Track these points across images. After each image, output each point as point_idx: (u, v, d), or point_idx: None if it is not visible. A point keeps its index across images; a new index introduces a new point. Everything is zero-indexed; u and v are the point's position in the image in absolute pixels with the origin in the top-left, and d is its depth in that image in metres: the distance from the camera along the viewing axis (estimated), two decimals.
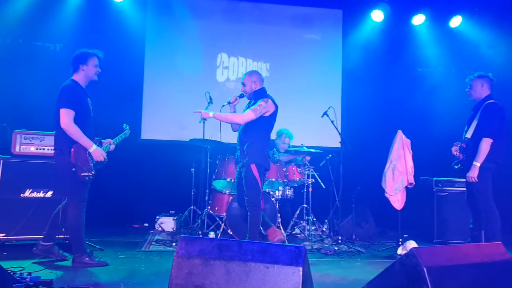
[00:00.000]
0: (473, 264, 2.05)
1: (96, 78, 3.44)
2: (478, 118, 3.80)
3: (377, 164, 4.75)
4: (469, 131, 3.85)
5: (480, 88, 3.88)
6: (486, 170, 3.75)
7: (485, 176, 3.75)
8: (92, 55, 3.40)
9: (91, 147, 3.24)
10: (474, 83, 3.92)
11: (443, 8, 6.17)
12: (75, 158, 3.18)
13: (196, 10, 6.22)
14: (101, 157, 3.29)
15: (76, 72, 3.37)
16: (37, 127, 4.09)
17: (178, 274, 1.99)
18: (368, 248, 4.58)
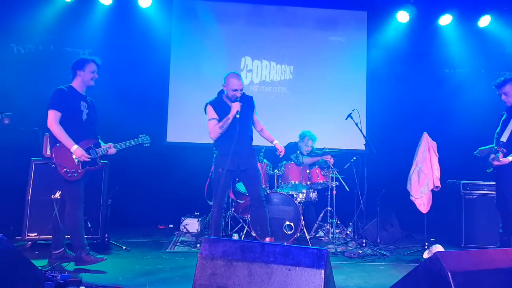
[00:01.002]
0: (500, 270, 2.01)
1: (92, 83, 3.53)
2: None
3: (402, 167, 4.69)
4: (504, 134, 3.72)
5: None
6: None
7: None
8: (89, 61, 3.50)
9: (72, 147, 3.30)
10: (508, 88, 3.73)
11: (471, 8, 6.01)
12: (54, 156, 3.32)
13: (220, 14, 6.32)
14: (82, 157, 3.32)
15: (74, 77, 3.51)
16: None
17: (201, 274, 2.05)
18: (393, 251, 4.52)
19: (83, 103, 3.49)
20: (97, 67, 3.55)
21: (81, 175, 3.36)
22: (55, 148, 3.34)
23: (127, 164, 5.44)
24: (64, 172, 3.30)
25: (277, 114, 6.28)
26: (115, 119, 5.14)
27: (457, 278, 1.93)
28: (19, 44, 5.69)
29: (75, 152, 3.30)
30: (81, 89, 3.52)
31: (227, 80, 3.84)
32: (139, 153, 5.54)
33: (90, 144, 3.47)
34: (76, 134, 3.37)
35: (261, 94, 6.35)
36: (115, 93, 5.53)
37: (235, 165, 3.77)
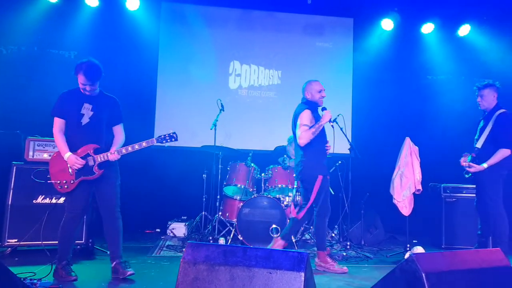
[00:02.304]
0: (472, 270, 2.10)
1: (88, 93, 3.26)
2: (491, 129, 3.81)
3: (385, 171, 4.78)
4: (479, 141, 3.86)
5: (492, 98, 3.89)
6: (498, 177, 3.78)
7: (496, 182, 3.78)
8: (78, 70, 3.18)
9: (65, 154, 3.14)
10: (486, 92, 3.90)
11: (452, 17, 6.20)
12: (50, 167, 3.22)
13: (209, 19, 6.37)
14: (75, 165, 3.11)
15: None
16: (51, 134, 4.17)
17: (184, 279, 2.09)
18: (377, 253, 4.61)
19: (86, 105, 3.24)
20: (90, 81, 3.19)
21: (73, 186, 3.15)
22: (52, 158, 3.25)
23: None
24: (55, 184, 3.17)
25: (265, 118, 6.36)
26: None
27: (431, 278, 2.01)
28: (1, 44, 5.60)
29: (68, 160, 3.12)
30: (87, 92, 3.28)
31: (310, 86, 3.92)
32: (125, 157, 5.55)
33: (90, 150, 3.20)
34: (73, 140, 3.21)
35: (249, 98, 6.43)
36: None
37: None
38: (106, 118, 3.34)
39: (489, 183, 3.78)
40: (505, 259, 2.23)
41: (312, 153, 3.78)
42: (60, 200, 3.99)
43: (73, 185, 3.17)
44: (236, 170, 4.97)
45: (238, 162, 5.00)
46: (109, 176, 3.32)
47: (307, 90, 3.91)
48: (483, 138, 3.83)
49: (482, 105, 3.94)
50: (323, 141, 3.84)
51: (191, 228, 5.35)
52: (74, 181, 3.17)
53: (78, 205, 3.23)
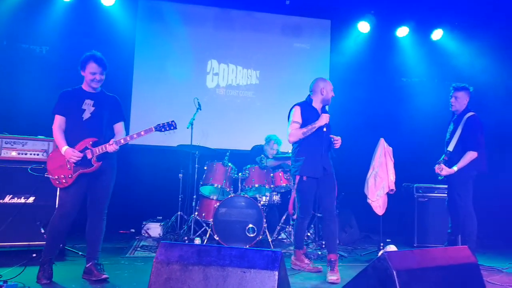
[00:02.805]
0: (440, 267, 2.16)
1: (95, 85, 3.27)
2: (461, 132, 3.92)
3: (360, 171, 4.86)
4: (451, 144, 3.97)
5: (465, 100, 4.02)
6: (468, 177, 3.91)
7: (467, 183, 3.91)
8: (89, 61, 3.22)
9: (62, 148, 3.11)
10: (461, 95, 4.02)
11: (425, 21, 6.38)
12: (47, 163, 3.19)
13: (187, 16, 6.31)
14: (72, 157, 3.06)
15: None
16: (21, 131, 4.04)
17: (156, 279, 2.06)
18: (351, 252, 4.68)
19: (87, 101, 3.23)
20: (101, 67, 3.25)
21: (71, 181, 3.09)
22: (51, 154, 3.23)
23: None
24: (53, 180, 3.12)
25: (243, 118, 6.35)
26: None
27: (402, 276, 2.06)
28: None
29: (65, 154, 3.08)
30: (88, 88, 3.29)
31: (321, 84, 3.68)
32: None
33: (87, 143, 3.16)
34: (74, 135, 3.17)
35: (227, 97, 6.41)
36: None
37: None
38: (107, 115, 3.33)
39: (459, 184, 3.91)
40: (472, 256, 2.30)
41: (297, 151, 3.66)
42: (30, 200, 3.85)
43: (71, 179, 3.11)
44: (213, 170, 4.94)
45: (215, 162, 4.97)
46: (105, 175, 3.29)
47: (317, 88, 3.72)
48: (454, 141, 3.95)
49: (454, 107, 4.06)
50: (315, 141, 3.59)
51: (166, 228, 5.28)
52: (72, 175, 3.12)
53: (70, 201, 3.13)
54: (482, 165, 3.92)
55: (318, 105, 3.70)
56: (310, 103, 3.71)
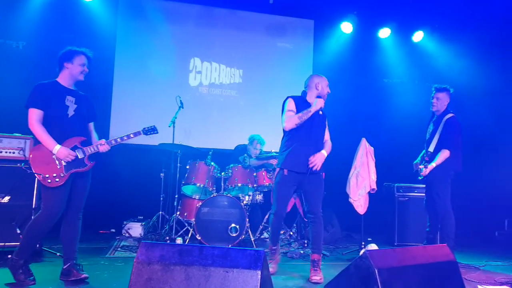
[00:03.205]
0: (420, 265, 2.19)
1: (82, 78, 3.22)
2: (440, 132, 4.01)
3: (342, 170, 4.89)
4: (431, 145, 4.05)
5: (446, 101, 4.11)
6: (447, 177, 3.99)
7: (445, 182, 4.00)
8: (79, 53, 3.18)
9: (53, 148, 2.99)
10: (442, 96, 4.11)
11: (407, 23, 6.50)
12: (32, 161, 3.01)
13: (169, 14, 6.24)
14: (68, 157, 2.99)
15: (61, 70, 3.18)
16: None
17: (137, 280, 2.02)
18: (333, 251, 4.72)
19: (69, 97, 3.14)
20: (88, 60, 3.22)
21: (64, 180, 2.99)
22: (33, 150, 3.03)
23: None
24: (43, 178, 2.96)
25: (226, 117, 6.32)
26: None
27: (383, 274, 2.08)
28: None
29: (59, 153, 2.97)
30: (68, 83, 3.19)
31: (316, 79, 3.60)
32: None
33: (77, 142, 3.11)
34: (60, 132, 3.05)
35: (210, 96, 6.36)
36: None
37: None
38: (86, 114, 3.27)
39: (438, 183, 3.99)
40: (451, 254, 2.35)
41: (284, 144, 3.56)
42: (5, 199, 3.71)
43: (64, 178, 3.02)
44: (195, 169, 4.89)
45: (197, 161, 4.93)
46: (87, 174, 3.23)
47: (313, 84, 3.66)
48: (434, 141, 4.04)
49: (436, 107, 4.14)
50: (303, 135, 3.46)
51: (147, 228, 5.20)
52: (64, 174, 3.02)
53: (60, 201, 3.03)
54: (458, 164, 4.03)
55: (312, 100, 3.59)
56: (304, 97, 3.64)
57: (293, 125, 3.40)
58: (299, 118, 3.37)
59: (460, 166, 4.04)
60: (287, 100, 3.59)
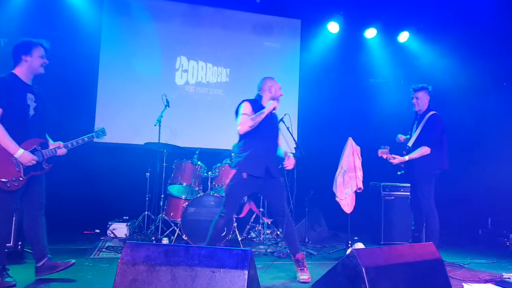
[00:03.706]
0: (407, 263, 2.20)
1: (42, 70, 3.08)
2: (421, 129, 4.07)
3: (329, 170, 4.91)
4: (411, 140, 4.12)
5: (426, 100, 4.16)
6: (431, 176, 4.03)
7: (429, 181, 4.03)
8: (36, 44, 3.04)
9: (16, 152, 2.86)
10: (421, 95, 4.16)
11: (393, 23, 6.56)
12: None
13: (155, 12, 6.17)
14: (31, 162, 2.92)
15: (18, 64, 3.00)
16: None
17: (121, 281, 1.98)
18: (320, 250, 4.72)
19: (30, 95, 3.00)
20: (45, 51, 3.08)
21: (22, 184, 2.91)
22: None
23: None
24: (2, 183, 2.83)
25: (213, 116, 6.28)
26: None
27: (370, 272, 2.08)
28: None
29: (22, 158, 2.86)
30: (27, 78, 3.03)
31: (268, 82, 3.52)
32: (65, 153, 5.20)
33: (36, 144, 3.01)
34: (20, 133, 2.92)
35: (197, 95, 6.31)
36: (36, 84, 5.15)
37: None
38: (43, 112, 3.14)
39: (423, 183, 4.03)
40: (437, 252, 2.37)
41: (241, 147, 3.42)
42: None
43: (22, 182, 2.93)
44: (181, 168, 4.85)
45: (184, 160, 4.88)
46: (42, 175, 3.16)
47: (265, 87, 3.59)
48: (414, 137, 4.11)
49: (417, 106, 4.20)
50: (261, 139, 3.37)
51: (133, 228, 5.13)
52: (23, 177, 2.93)
53: (15, 203, 2.97)
54: (444, 163, 4.07)
55: (266, 103, 3.49)
56: (259, 100, 3.54)
57: (247, 127, 3.29)
58: (252, 120, 3.27)
59: (447, 164, 4.08)
60: (242, 104, 3.45)
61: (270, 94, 3.55)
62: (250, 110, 3.37)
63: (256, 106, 3.44)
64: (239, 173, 3.30)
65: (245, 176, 3.28)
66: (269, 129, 3.44)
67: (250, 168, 3.30)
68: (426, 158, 3.98)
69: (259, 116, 3.27)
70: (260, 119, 3.27)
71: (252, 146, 3.34)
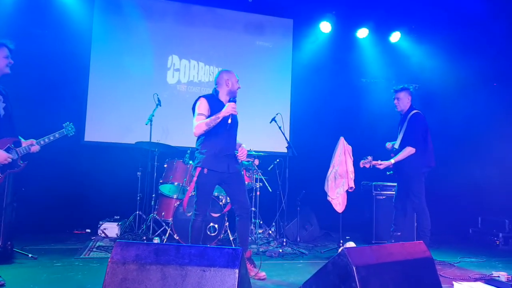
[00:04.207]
0: (397, 262, 2.21)
1: (8, 70, 3.12)
2: (405, 129, 4.11)
3: (321, 169, 4.92)
4: (397, 141, 4.15)
5: (407, 100, 4.20)
6: (421, 175, 4.05)
7: (420, 181, 4.05)
8: (0, 45, 3.09)
9: None
10: (402, 95, 4.20)
11: (384, 23, 6.59)
12: None
13: (146, 11, 6.13)
14: (6, 160, 3.02)
15: None
16: None
17: (111, 280, 1.96)
18: (312, 249, 4.73)
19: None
20: (10, 51, 3.12)
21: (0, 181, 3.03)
22: None
23: (37, 163, 4.99)
24: None
25: None
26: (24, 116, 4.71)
27: (361, 271, 2.09)
28: None
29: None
30: None
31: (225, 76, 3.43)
32: (52, 152, 5.11)
33: (9, 143, 3.12)
34: None
35: (188, 94, 6.28)
36: (23, 87, 5.10)
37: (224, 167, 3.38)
38: (11, 111, 3.22)
39: (413, 182, 4.04)
40: (427, 251, 2.38)
41: (201, 144, 3.41)
42: None
43: (0, 181, 3.05)
44: (173, 168, 4.82)
45: (175, 160, 4.86)
46: None
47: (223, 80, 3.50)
48: (399, 138, 4.14)
49: (399, 107, 4.24)
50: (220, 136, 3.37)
51: (124, 228, 5.10)
52: (1, 176, 3.03)
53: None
54: (431, 160, 4.09)
55: (224, 98, 3.47)
56: (216, 96, 3.49)
57: (201, 131, 3.31)
58: (206, 125, 3.27)
59: (433, 162, 4.10)
60: (198, 101, 3.41)
61: (227, 88, 3.48)
62: (207, 108, 3.37)
63: (213, 102, 3.41)
64: (201, 169, 3.35)
65: (205, 172, 3.33)
66: (227, 125, 3.37)
67: (212, 164, 3.35)
68: (413, 158, 4.00)
69: (214, 120, 3.27)
70: (215, 123, 3.27)
71: (212, 143, 3.37)
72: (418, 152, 3.99)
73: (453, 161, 5.98)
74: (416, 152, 3.99)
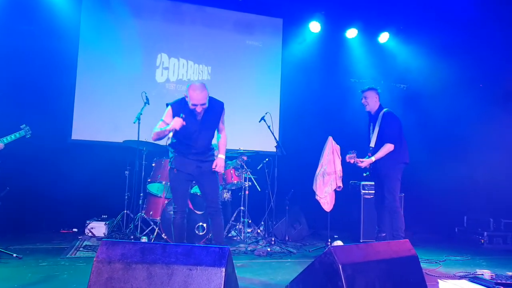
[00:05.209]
0: (383, 260, 2.23)
1: None
2: (379, 127, 4.12)
3: (309, 168, 4.94)
4: (372, 140, 4.17)
5: (375, 100, 4.24)
6: (397, 172, 4.07)
7: (396, 178, 4.05)
8: None
9: None
10: (369, 94, 4.24)
11: (373, 23, 6.65)
12: None
13: (135, 8, 6.08)
14: None
15: None
16: None
17: (97, 279, 1.94)
18: (300, 248, 4.75)
19: None
20: None
21: None
22: None
23: (23, 162, 4.95)
24: None
25: None
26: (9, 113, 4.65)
27: (347, 269, 2.10)
28: None
29: None
30: None
31: (188, 91, 3.39)
32: (39, 150, 5.08)
33: None
34: None
35: (177, 92, 6.24)
36: (8, 84, 5.02)
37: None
38: None
39: (389, 178, 4.04)
40: (412, 249, 2.41)
41: (171, 143, 3.50)
42: None
43: None
44: (161, 167, 4.79)
45: (163, 158, 4.83)
46: None
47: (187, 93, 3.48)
48: (374, 137, 4.16)
49: (368, 107, 4.27)
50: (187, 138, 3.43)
51: (112, 227, 5.05)
52: None
53: None
54: (406, 156, 4.12)
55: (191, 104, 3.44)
56: (185, 102, 3.46)
57: (153, 138, 3.41)
58: (156, 135, 3.35)
59: (408, 158, 4.12)
60: (167, 108, 3.50)
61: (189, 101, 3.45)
62: (170, 115, 3.43)
63: (178, 109, 3.41)
64: (172, 169, 3.49)
65: (175, 171, 3.45)
66: (198, 125, 3.42)
67: (180, 164, 3.46)
68: (389, 154, 4.02)
69: (163, 132, 3.32)
70: (163, 135, 3.35)
71: (181, 143, 3.48)
72: (394, 148, 4.02)
73: (439, 161, 6.05)
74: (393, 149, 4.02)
